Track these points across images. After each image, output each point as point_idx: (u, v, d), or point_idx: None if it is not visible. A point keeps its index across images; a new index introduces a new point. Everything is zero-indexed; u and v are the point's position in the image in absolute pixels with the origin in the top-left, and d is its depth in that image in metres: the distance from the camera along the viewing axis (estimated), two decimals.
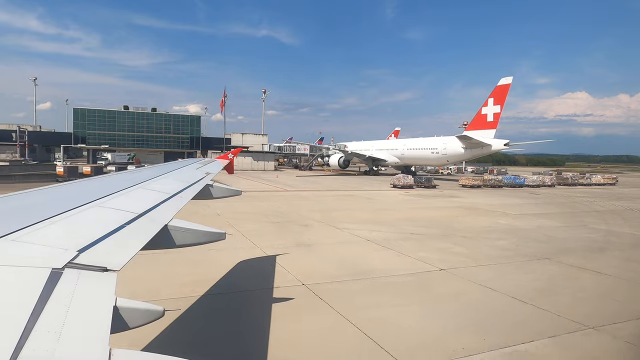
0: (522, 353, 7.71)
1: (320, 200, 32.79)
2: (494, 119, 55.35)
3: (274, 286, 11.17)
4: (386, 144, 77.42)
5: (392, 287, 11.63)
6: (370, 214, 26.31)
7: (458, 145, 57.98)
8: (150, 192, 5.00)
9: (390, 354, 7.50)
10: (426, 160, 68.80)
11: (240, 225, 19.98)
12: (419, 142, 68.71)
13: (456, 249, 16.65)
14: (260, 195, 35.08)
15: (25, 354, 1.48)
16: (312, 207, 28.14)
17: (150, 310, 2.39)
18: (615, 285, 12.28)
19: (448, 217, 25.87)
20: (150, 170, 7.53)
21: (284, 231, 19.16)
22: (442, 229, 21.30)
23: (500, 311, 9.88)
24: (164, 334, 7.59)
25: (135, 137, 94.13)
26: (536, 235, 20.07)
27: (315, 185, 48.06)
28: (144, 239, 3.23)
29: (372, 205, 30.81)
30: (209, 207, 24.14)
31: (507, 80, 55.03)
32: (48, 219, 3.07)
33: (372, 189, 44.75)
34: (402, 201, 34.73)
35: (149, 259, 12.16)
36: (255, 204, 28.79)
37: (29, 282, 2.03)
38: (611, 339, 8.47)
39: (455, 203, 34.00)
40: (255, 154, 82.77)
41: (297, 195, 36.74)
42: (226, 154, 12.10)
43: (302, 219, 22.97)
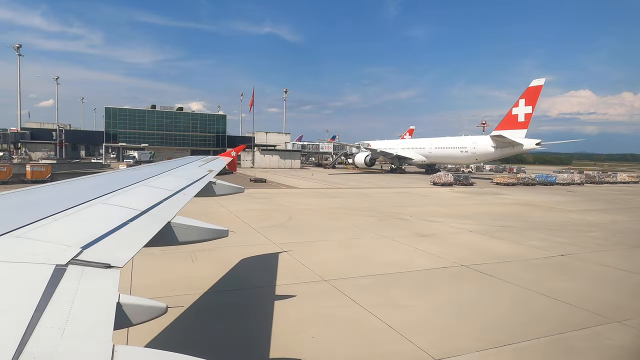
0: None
1: (385, 197, 34.99)
2: (525, 119, 56.92)
3: (442, 266, 13.40)
4: (412, 143, 79.03)
5: (543, 268, 13.45)
6: (444, 208, 28.13)
7: (488, 144, 59.81)
8: (154, 189, 5.01)
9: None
10: (454, 159, 70.54)
11: (350, 220, 22.02)
12: (447, 141, 70.44)
13: (557, 239, 18.30)
14: (325, 192, 38.06)
15: (29, 349, 1.49)
16: (386, 203, 30.39)
17: (153, 307, 2.39)
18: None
19: (517, 212, 27.43)
20: (153, 167, 7.54)
21: (393, 224, 21.08)
22: (524, 222, 23.01)
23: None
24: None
25: (164, 136, 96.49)
26: (619, 228, 21.87)
27: (360, 182, 49.75)
28: (147, 235, 3.23)
29: (436, 201, 33.01)
30: (294, 202, 27.92)
31: (540, 81, 56.19)
32: (52, 215, 3.08)
33: (417, 186, 46.82)
34: (458, 197, 36.52)
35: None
36: (336, 200, 31.66)
37: (33, 279, 2.03)
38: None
39: (507, 200, 35.65)
40: (282, 153, 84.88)
41: (359, 192, 38.83)
42: (229, 151, 12.11)
43: (392, 213, 24.90)
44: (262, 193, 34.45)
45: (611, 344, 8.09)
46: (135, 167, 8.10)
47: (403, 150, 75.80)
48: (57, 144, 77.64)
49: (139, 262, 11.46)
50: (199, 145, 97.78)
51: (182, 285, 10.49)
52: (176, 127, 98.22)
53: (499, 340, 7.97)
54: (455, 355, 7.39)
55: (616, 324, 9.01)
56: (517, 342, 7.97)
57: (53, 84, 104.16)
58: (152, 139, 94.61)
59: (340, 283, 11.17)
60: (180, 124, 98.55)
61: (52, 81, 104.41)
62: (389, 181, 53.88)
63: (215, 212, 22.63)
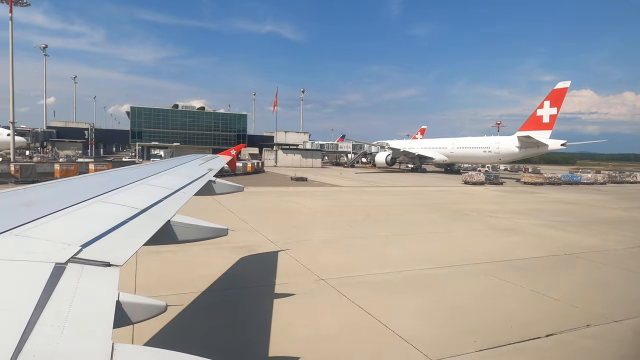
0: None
1: (432, 195, 36.95)
2: (550, 121, 58.53)
3: (548, 254, 15.10)
4: (432, 143, 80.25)
5: (634, 256, 15.19)
6: (495, 206, 29.68)
7: (513, 144, 61.29)
8: (154, 188, 5.01)
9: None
10: (477, 159, 72.12)
11: (422, 215, 24.29)
12: (470, 141, 72.29)
13: (623, 232, 19.68)
14: (372, 190, 39.73)
15: (28, 348, 1.49)
16: (438, 200, 32.21)
17: (152, 306, 2.39)
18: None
19: (566, 209, 28.91)
20: (153, 166, 7.54)
21: (464, 220, 22.72)
22: (579, 218, 24.24)
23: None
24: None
25: (186, 135, 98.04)
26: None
27: (394, 181, 51.23)
28: (147, 234, 3.23)
29: (482, 199, 34.69)
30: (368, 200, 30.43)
31: (565, 84, 57.66)
32: (51, 214, 3.08)
33: (450, 185, 48.59)
34: (500, 196, 38.00)
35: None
36: (389, 197, 33.64)
37: (33, 277, 2.03)
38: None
39: (547, 198, 36.90)
40: (304, 152, 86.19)
41: (403, 190, 40.73)
42: (228, 150, 12.10)
43: (453, 210, 26.73)
44: (318, 191, 36.29)
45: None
46: (135, 166, 8.10)
47: (423, 149, 77.41)
48: (90, 142, 79.26)
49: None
50: (221, 144, 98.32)
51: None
52: (198, 126, 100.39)
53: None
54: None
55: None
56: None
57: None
58: (175, 138, 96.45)
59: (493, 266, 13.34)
60: (202, 123, 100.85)
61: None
62: (420, 180, 55.46)
63: (294, 209, 25.08)
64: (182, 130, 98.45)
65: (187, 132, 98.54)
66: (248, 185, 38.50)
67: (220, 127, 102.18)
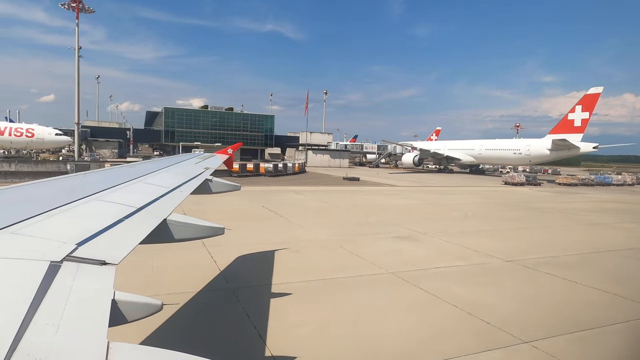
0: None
1: (491, 195, 40.10)
2: (582, 124, 61.54)
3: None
4: (459, 144, 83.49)
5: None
6: (559, 204, 33.02)
7: (544, 147, 63.98)
8: (150, 186, 4.99)
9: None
10: (506, 161, 75.68)
11: (511, 213, 26.97)
12: (499, 143, 75.59)
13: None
14: (429, 189, 42.35)
15: (23, 346, 1.48)
16: (505, 201, 35.10)
17: (148, 304, 2.39)
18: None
19: (630, 208, 31.41)
20: (149, 164, 7.52)
21: (555, 217, 25.88)
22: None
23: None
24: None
25: (216, 134, 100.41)
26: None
27: (437, 182, 53.53)
28: (143, 232, 3.22)
29: (542, 198, 37.33)
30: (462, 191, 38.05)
31: (597, 89, 60.53)
32: (47, 212, 3.07)
33: (494, 185, 52.12)
34: (554, 196, 40.84)
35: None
36: (454, 197, 36.52)
37: (28, 275, 2.02)
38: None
39: (596, 198, 39.44)
40: (332, 152, 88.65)
41: (457, 190, 44.27)
42: (225, 149, 12.07)
43: (533, 208, 29.81)
44: (387, 190, 39.54)
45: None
46: (132, 164, 8.06)
47: (450, 151, 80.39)
48: (130, 142, 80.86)
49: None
50: (248, 144, 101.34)
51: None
52: (227, 126, 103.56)
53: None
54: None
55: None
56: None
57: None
58: (206, 138, 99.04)
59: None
60: (231, 124, 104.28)
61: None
62: (459, 180, 58.69)
63: (397, 206, 28.63)
64: (212, 130, 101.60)
65: (216, 132, 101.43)
66: (316, 184, 44.06)
67: (249, 127, 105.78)
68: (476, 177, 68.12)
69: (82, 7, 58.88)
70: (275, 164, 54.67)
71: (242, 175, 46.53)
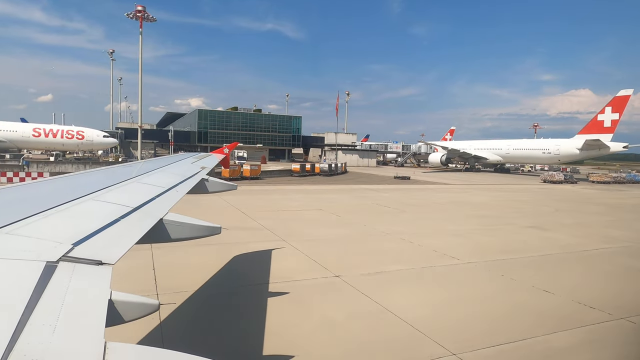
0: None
1: (548, 192, 42.23)
2: (611, 125, 64.38)
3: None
4: (486, 144, 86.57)
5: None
6: (620, 200, 35.45)
7: (573, 146, 67.05)
8: (146, 186, 4.98)
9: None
10: (535, 160, 79.69)
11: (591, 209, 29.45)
12: (528, 143, 79.39)
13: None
14: (481, 187, 45.24)
15: (19, 347, 1.48)
16: (561, 197, 37.54)
17: (145, 304, 2.39)
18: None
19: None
20: (146, 164, 7.50)
21: (626, 211, 28.38)
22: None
23: None
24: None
25: (245, 135, 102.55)
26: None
27: (479, 180, 56.64)
28: (139, 232, 3.21)
29: (597, 197, 38.73)
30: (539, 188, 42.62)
31: (627, 92, 63.23)
32: (43, 212, 3.05)
33: (534, 183, 54.86)
34: (603, 193, 42.89)
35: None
36: (518, 194, 39.30)
37: (24, 276, 2.02)
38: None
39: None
40: (361, 152, 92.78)
41: (509, 187, 46.51)
42: (221, 148, 12.05)
43: (603, 204, 32.19)
44: (447, 189, 42.65)
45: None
46: (128, 164, 8.05)
47: (476, 150, 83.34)
48: (171, 143, 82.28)
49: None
50: (277, 144, 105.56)
51: None
52: (256, 127, 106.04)
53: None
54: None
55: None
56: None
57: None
58: (236, 138, 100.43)
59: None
60: (260, 125, 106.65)
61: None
62: (496, 178, 62.09)
63: (471, 202, 31.35)
64: (242, 131, 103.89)
65: (246, 133, 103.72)
66: (376, 183, 47.70)
67: (278, 128, 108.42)
68: (507, 176, 71.64)
69: (145, 17, 62.76)
70: (329, 164, 60.05)
71: (302, 175, 52.11)
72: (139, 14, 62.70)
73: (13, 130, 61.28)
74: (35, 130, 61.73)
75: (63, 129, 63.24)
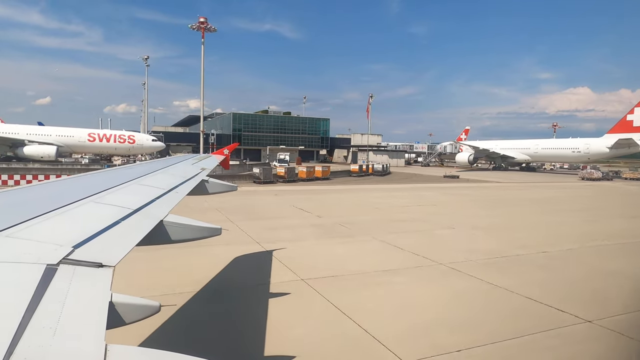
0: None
1: (600, 190, 43.04)
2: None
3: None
4: (512, 144, 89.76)
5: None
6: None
7: (603, 145, 69.79)
8: (146, 188, 4.98)
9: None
10: (564, 159, 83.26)
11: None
12: (556, 143, 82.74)
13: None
14: (533, 186, 47.14)
15: (20, 350, 1.47)
16: (622, 193, 40.77)
17: (146, 306, 2.38)
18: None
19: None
20: (145, 165, 7.50)
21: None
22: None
23: None
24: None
25: (276, 137, 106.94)
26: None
27: (518, 178, 59.70)
28: (139, 234, 3.21)
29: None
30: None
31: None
32: (43, 214, 3.05)
33: (573, 181, 57.82)
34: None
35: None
36: (578, 191, 41.74)
37: (24, 279, 2.01)
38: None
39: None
40: (390, 152, 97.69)
41: (555, 186, 48.46)
42: (221, 149, 12.06)
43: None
44: (507, 186, 46.09)
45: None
46: (127, 166, 8.05)
47: (503, 150, 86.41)
48: (213, 146, 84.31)
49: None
50: (306, 146, 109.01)
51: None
52: (286, 129, 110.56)
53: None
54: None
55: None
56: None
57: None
58: (267, 140, 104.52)
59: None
60: (291, 127, 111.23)
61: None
62: (531, 177, 64.73)
63: (547, 197, 34.32)
64: (274, 133, 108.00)
65: (277, 135, 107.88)
66: (429, 182, 52.24)
67: (307, 130, 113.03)
68: (538, 174, 76.82)
69: (207, 27, 68.01)
70: (383, 165, 65.24)
71: (360, 175, 58.22)
72: (202, 26, 67.31)
73: (70, 135, 63.98)
74: (90, 135, 64.32)
75: (115, 134, 65.64)
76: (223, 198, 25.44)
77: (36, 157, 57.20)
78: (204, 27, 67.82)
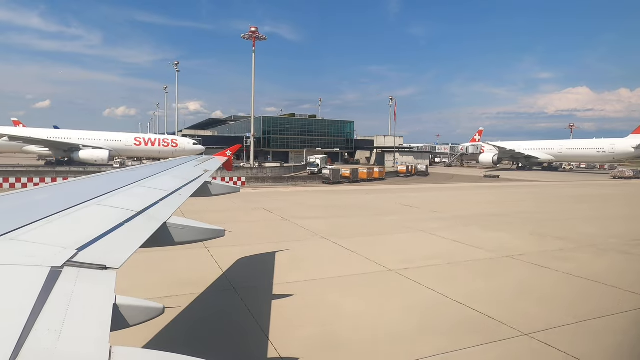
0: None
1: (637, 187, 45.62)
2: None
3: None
4: (536, 144, 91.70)
5: None
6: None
7: (629, 145, 71.55)
8: (149, 190, 4.99)
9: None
10: (589, 159, 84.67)
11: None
12: (581, 143, 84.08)
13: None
14: (577, 184, 48.42)
15: (25, 352, 1.48)
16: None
17: (150, 308, 2.39)
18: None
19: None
20: (149, 167, 7.52)
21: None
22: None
23: None
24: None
25: (302, 140, 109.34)
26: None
27: (550, 178, 60.07)
28: (143, 236, 3.22)
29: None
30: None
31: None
32: (47, 217, 3.06)
33: (605, 180, 58.07)
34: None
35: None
36: (624, 189, 42.58)
37: (28, 281, 2.02)
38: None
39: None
40: (416, 153, 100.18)
41: (590, 184, 49.43)
42: (224, 151, 12.08)
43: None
44: (558, 185, 46.76)
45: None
46: (131, 168, 8.07)
47: (526, 150, 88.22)
48: (251, 149, 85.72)
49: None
50: (331, 147, 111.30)
51: None
52: (312, 132, 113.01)
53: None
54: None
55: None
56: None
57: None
58: (295, 143, 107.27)
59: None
60: (316, 129, 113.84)
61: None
62: (560, 176, 66.19)
63: (610, 194, 35.58)
64: (300, 135, 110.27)
65: (304, 137, 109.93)
66: (474, 182, 52.76)
67: (332, 132, 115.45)
68: (563, 173, 78.77)
69: (257, 37, 71.91)
70: (426, 166, 69.19)
71: (407, 175, 62.11)
72: (253, 35, 70.82)
73: (118, 140, 66.60)
74: (137, 140, 66.90)
75: (159, 138, 68.76)
76: (338, 199, 28.12)
77: (90, 161, 59.20)
78: (255, 36, 70.68)
